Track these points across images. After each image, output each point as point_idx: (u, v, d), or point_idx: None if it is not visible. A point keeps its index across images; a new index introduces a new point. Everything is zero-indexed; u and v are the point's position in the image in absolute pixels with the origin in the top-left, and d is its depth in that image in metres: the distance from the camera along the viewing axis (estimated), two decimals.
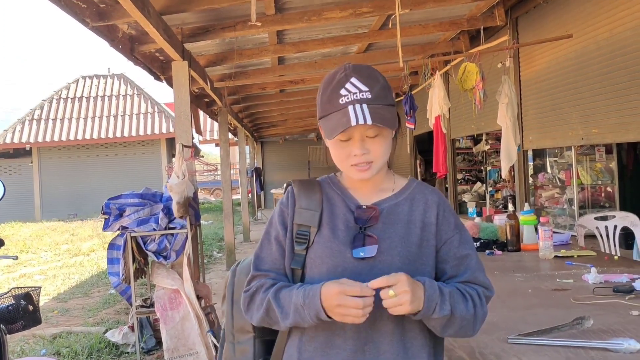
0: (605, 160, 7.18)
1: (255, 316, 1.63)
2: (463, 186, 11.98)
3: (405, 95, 7.91)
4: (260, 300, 1.61)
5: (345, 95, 1.54)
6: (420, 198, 1.68)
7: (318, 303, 1.49)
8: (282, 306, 1.56)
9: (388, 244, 1.59)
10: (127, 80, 25.85)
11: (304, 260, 1.62)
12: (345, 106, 1.53)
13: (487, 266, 3.51)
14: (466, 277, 1.63)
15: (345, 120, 1.51)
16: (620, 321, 2.26)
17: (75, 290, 9.10)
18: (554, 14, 6.48)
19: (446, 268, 1.64)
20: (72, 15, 4.59)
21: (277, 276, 1.66)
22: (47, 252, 13.72)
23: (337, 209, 1.65)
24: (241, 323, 1.76)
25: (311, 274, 1.61)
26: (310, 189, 1.68)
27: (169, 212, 5.37)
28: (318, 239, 1.61)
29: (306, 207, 1.65)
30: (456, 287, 1.59)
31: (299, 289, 1.55)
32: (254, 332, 1.74)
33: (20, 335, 5.95)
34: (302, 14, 6.13)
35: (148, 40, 5.84)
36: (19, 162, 23.60)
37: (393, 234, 1.60)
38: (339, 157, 1.60)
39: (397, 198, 1.67)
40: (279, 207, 1.70)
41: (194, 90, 8.78)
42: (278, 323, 1.59)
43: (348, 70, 1.58)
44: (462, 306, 1.55)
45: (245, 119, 14.86)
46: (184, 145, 5.45)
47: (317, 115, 1.63)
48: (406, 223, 1.63)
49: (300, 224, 1.64)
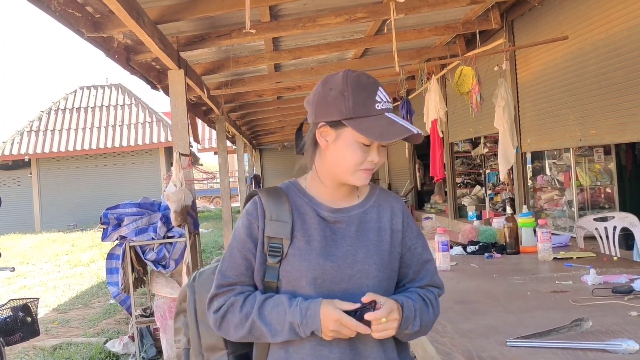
0: (604, 161, 7.17)
1: (234, 335, 1.59)
2: (462, 190, 11.95)
3: (402, 99, 7.91)
4: (239, 319, 1.57)
5: (379, 102, 1.57)
6: (386, 205, 1.71)
7: (318, 323, 1.50)
8: (270, 324, 1.54)
9: (364, 253, 1.60)
10: (125, 90, 25.89)
11: (278, 273, 1.59)
12: (382, 113, 1.56)
13: (486, 269, 3.51)
14: (426, 281, 1.71)
15: (395, 129, 1.54)
16: (619, 322, 2.25)
17: (76, 300, 9.08)
18: (549, 16, 6.49)
19: (409, 272, 1.70)
20: (67, 25, 4.58)
21: (242, 288, 1.62)
22: (47, 263, 13.70)
23: (308, 218, 1.62)
24: (212, 341, 1.69)
25: (288, 286, 1.59)
26: (278, 199, 1.63)
27: (168, 220, 5.37)
28: (293, 251, 1.58)
29: (277, 219, 1.60)
30: (418, 293, 1.66)
31: (293, 307, 1.53)
32: (227, 349, 1.68)
33: (20, 346, 5.93)
34: (297, 21, 6.13)
35: (144, 50, 5.85)
36: (18, 174, 23.59)
37: (367, 242, 1.62)
38: (353, 160, 1.57)
39: (365, 205, 1.68)
40: (247, 219, 1.63)
41: (191, 98, 8.79)
42: (264, 339, 1.57)
43: (372, 79, 1.60)
44: (426, 316, 1.64)
45: (243, 126, 14.87)
46: (182, 153, 5.45)
47: (335, 115, 1.57)
48: (377, 230, 1.65)
49: (271, 236, 1.59)
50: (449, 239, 3.69)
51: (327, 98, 1.58)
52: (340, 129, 1.58)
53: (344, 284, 1.56)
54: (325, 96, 1.59)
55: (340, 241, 1.61)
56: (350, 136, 1.57)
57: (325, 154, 1.62)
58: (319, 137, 1.61)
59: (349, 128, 1.56)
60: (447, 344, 2.08)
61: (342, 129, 1.57)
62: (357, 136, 1.56)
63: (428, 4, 6.20)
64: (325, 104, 1.59)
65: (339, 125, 1.57)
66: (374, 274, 1.59)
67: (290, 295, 1.57)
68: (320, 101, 1.60)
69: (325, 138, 1.60)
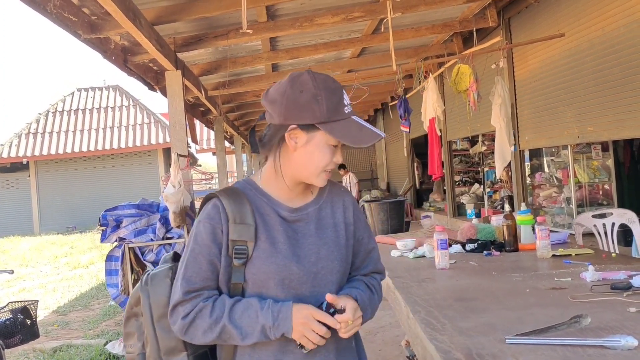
0: (602, 158, 7.18)
1: (201, 339, 1.58)
2: (461, 188, 11.97)
3: (400, 98, 7.91)
4: (209, 324, 1.56)
5: (347, 106, 1.60)
6: (338, 200, 1.76)
7: (289, 325, 1.53)
8: (241, 327, 1.55)
9: (326, 250, 1.65)
10: (123, 91, 25.87)
11: (244, 274, 1.60)
12: (349, 116, 1.60)
13: (484, 267, 3.51)
14: (370, 268, 1.81)
15: (367, 133, 1.59)
16: (618, 318, 2.25)
17: (75, 302, 9.08)
18: (546, 14, 6.49)
19: (355, 261, 1.78)
20: (64, 28, 4.59)
21: (209, 292, 1.61)
22: (46, 265, 13.69)
23: (269, 219, 1.63)
24: (171, 344, 1.65)
25: (254, 287, 1.60)
26: (239, 201, 1.62)
27: (166, 222, 5.37)
28: (258, 254, 1.59)
29: (240, 222, 1.59)
30: (364, 282, 1.76)
31: (265, 310, 1.55)
32: (187, 350, 1.64)
33: (20, 349, 5.92)
34: (294, 21, 6.14)
35: (141, 51, 5.85)
36: (16, 176, 23.57)
37: (327, 238, 1.67)
38: (322, 162, 1.61)
39: (319, 201, 1.72)
40: (209, 224, 1.61)
41: (189, 99, 8.79)
42: (232, 341, 1.58)
43: (336, 82, 1.63)
44: (374, 303, 1.75)
45: (242, 126, 14.87)
46: (180, 154, 5.45)
47: (308, 119, 1.56)
48: (333, 226, 1.70)
49: (236, 239, 1.59)
50: (447, 237, 3.69)
51: (298, 100, 1.57)
52: (312, 132, 1.59)
53: (310, 282, 1.61)
54: (295, 98, 1.57)
55: (302, 240, 1.63)
56: (322, 139, 1.59)
57: (293, 156, 1.62)
58: (289, 139, 1.60)
59: (321, 131, 1.58)
60: (446, 342, 2.08)
61: (314, 132, 1.59)
62: (329, 139, 1.59)
63: (425, 3, 6.21)
64: (296, 106, 1.57)
65: (311, 129, 1.58)
66: (337, 269, 1.66)
67: (259, 297, 1.59)
68: (290, 103, 1.57)
69: (295, 140, 1.60)
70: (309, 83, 1.58)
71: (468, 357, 1.95)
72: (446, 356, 1.96)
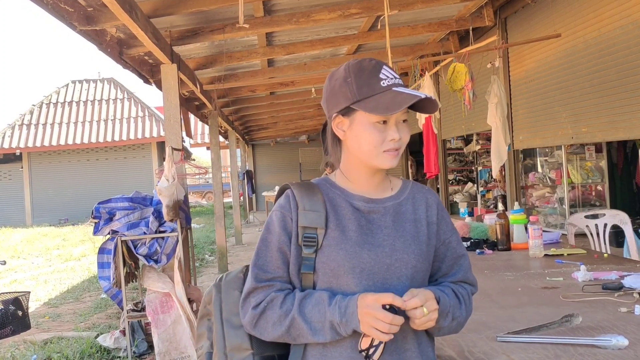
0: (595, 159, 7.22)
1: (271, 333, 1.56)
2: (454, 186, 12.01)
3: None
4: (278, 316, 1.54)
5: (384, 79, 1.56)
6: (420, 197, 1.69)
7: (356, 319, 1.47)
8: (311, 322, 1.52)
9: (402, 242, 1.59)
10: (117, 84, 25.75)
11: (314, 264, 1.57)
12: (389, 88, 1.55)
13: (477, 265, 3.52)
14: (459, 276, 1.68)
15: (401, 98, 1.52)
16: (609, 318, 2.26)
17: (67, 295, 9.05)
18: (543, 14, 6.51)
19: (442, 267, 1.68)
20: (59, 18, 4.56)
21: (282, 285, 1.60)
22: (38, 257, 13.64)
23: (341, 210, 1.61)
24: (237, 341, 1.64)
25: (325, 278, 1.57)
26: (311, 191, 1.62)
27: (160, 215, 5.35)
28: (328, 242, 1.56)
29: (310, 209, 1.59)
30: (452, 289, 1.64)
31: (332, 306, 1.50)
32: (253, 349, 1.62)
33: (10, 340, 5.91)
34: (290, 16, 6.12)
35: (137, 44, 5.82)
36: (8, 168, 23.45)
37: (404, 232, 1.61)
38: (372, 142, 1.56)
39: (399, 197, 1.67)
40: (280, 211, 1.62)
41: (184, 93, 8.76)
42: (302, 338, 1.54)
43: (374, 60, 1.60)
44: (459, 312, 1.61)
45: (236, 121, 14.84)
46: (174, 148, 5.43)
47: (343, 102, 1.58)
48: (414, 222, 1.64)
49: (305, 226, 1.58)
50: None
51: (333, 89, 1.61)
52: (351, 115, 1.59)
53: (383, 274, 1.55)
54: (331, 88, 1.62)
55: (376, 230, 1.59)
56: (362, 118, 1.57)
57: (347, 144, 1.63)
58: (336, 129, 1.63)
59: (360, 111, 1.56)
60: (437, 339, 2.09)
61: (353, 114, 1.58)
62: (369, 117, 1.56)
63: (422, 1, 6.20)
64: (332, 95, 1.61)
65: (349, 112, 1.58)
66: (412, 264, 1.58)
67: (331, 292, 1.54)
68: (328, 95, 1.63)
69: (341, 128, 1.62)
70: (341, 70, 1.61)
71: (460, 354, 1.95)
72: (438, 353, 1.96)
